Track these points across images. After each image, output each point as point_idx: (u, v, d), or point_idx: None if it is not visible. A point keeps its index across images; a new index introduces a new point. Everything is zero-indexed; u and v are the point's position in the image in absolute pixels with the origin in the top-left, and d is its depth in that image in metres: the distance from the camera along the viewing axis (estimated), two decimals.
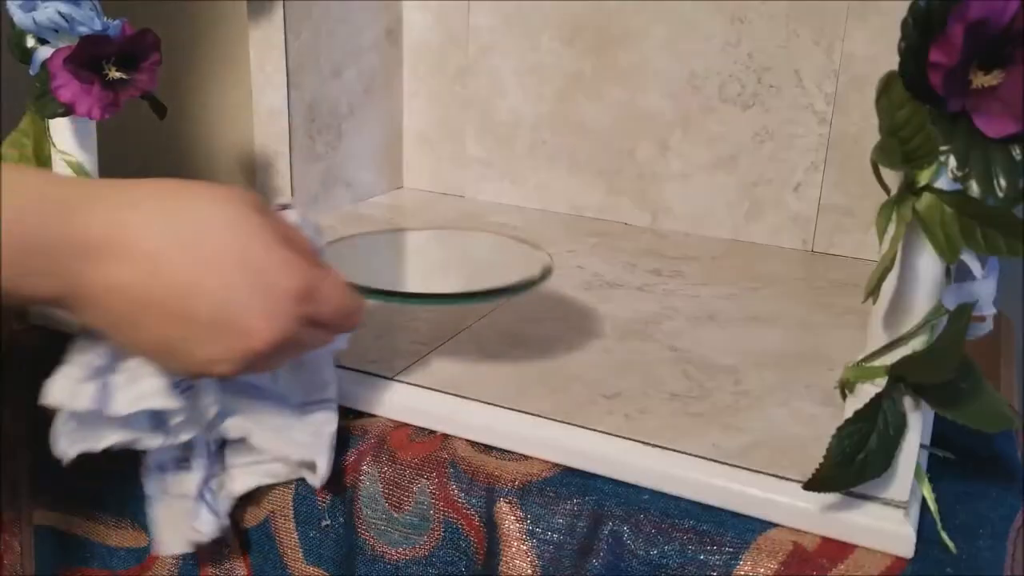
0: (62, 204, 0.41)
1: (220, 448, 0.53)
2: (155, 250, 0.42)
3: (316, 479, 0.52)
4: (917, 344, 0.43)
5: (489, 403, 0.53)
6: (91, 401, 0.47)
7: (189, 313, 0.42)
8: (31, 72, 0.60)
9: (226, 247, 0.43)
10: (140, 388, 0.47)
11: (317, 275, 0.45)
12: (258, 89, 0.80)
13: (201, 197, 0.44)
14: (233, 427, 0.51)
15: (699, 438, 0.50)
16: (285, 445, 0.51)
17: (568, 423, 0.51)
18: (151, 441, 0.50)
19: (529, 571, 0.48)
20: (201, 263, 0.42)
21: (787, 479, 0.46)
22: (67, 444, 0.48)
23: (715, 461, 0.48)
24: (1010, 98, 0.39)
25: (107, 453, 0.49)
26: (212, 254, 0.42)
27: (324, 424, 0.52)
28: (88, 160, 0.64)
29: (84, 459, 0.62)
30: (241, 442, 0.52)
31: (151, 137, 0.90)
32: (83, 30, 0.58)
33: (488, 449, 0.52)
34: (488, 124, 0.92)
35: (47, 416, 0.62)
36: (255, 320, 0.43)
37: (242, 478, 0.53)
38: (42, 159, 0.63)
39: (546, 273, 0.57)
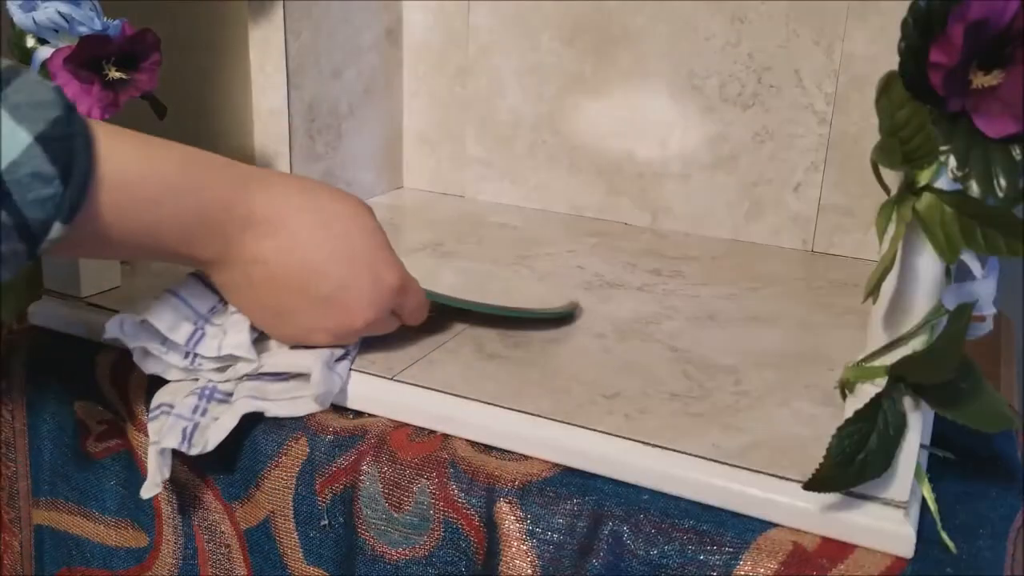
0: (241, 183, 0.50)
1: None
2: (296, 233, 0.51)
3: (311, 389, 0.53)
4: (917, 344, 0.43)
5: (489, 403, 0.53)
6: (185, 338, 0.54)
7: (310, 289, 0.52)
8: None
9: (350, 241, 0.53)
10: (227, 340, 0.54)
11: (408, 277, 0.56)
12: (258, 89, 0.80)
13: (335, 198, 0.54)
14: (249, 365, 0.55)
15: (699, 438, 0.50)
16: (285, 358, 0.54)
17: (568, 423, 0.51)
18: (177, 361, 0.55)
19: (529, 571, 0.48)
20: (328, 251, 0.52)
21: (787, 479, 0.46)
22: (111, 330, 0.54)
23: (715, 461, 0.48)
24: (1010, 98, 0.39)
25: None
26: (337, 245, 0.52)
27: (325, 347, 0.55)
28: None
29: (84, 459, 0.62)
30: (255, 378, 0.55)
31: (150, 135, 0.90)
32: (83, 30, 0.58)
33: (488, 449, 0.52)
34: (488, 124, 0.92)
35: (45, 416, 0.62)
36: (360, 304, 0.53)
37: (242, 402, 0.54)
38: None
39: (575, 308, 0.66)
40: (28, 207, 0.40)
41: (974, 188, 0.40)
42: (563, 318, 0.65)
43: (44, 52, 0.59)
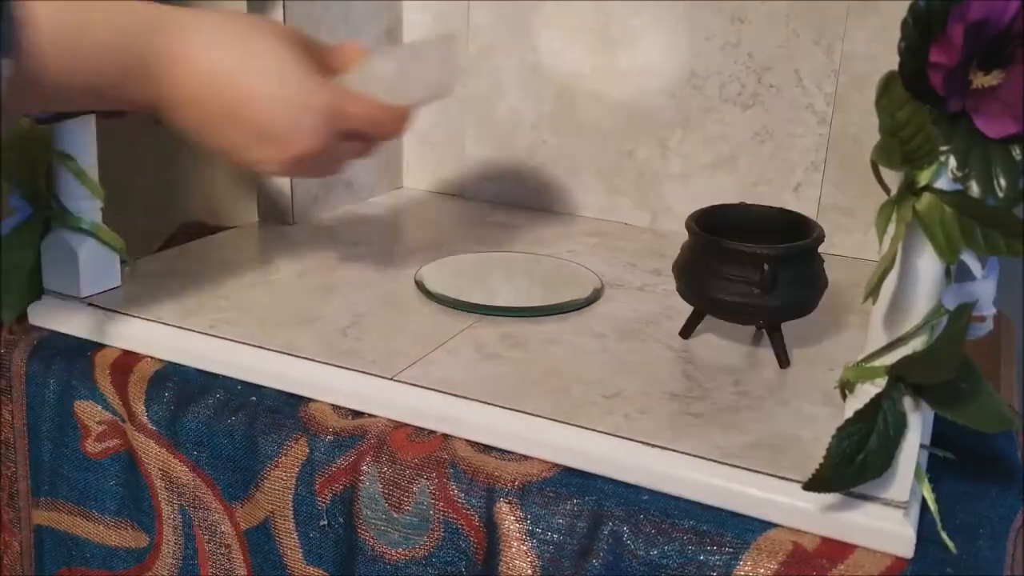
0: (153, 26, 0.50)
1: None
2: (212, 69, 0.51)
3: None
4: (917, 344, 0.43)
5: (489, 403, 0.53)
6: None
7: (241, 121, 0.52)
8: None
9: (268, 70, 0.52)
10: None
11: (343, 95, 0.55)
12: None
13: (251, 27, 0.53)
14: None
15: (699, 438, 0.50)
16: None
17: (568, 423, 0.51)
18: None
19: (529, 571, 0.48)
20: (248, 82, 0.52)
21: (787, 479, 0.46)
22: None
23: (715, 461, 0.48)
24: (1010, 98, 0.39)
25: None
26: (256, 76, 0.52)
27: None
28: (88, 160, 0.64)
29: (84, 459, 0.62)
30: None
31: (151, 137, 0.90)
32: None
33: (488, 449, 0.52)
34: (488, 124, 0.92)
35: (45, 416, 0.62)
36: (295, 132, 0.52)
37: None
38: (41, 159, 0.63)
39: (597, 294, 0.69)
40: None
41: (974, 188, 0.40)
42: (581, 307, 0.67)
43: None
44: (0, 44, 0.42)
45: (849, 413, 0.43)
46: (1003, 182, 0.40)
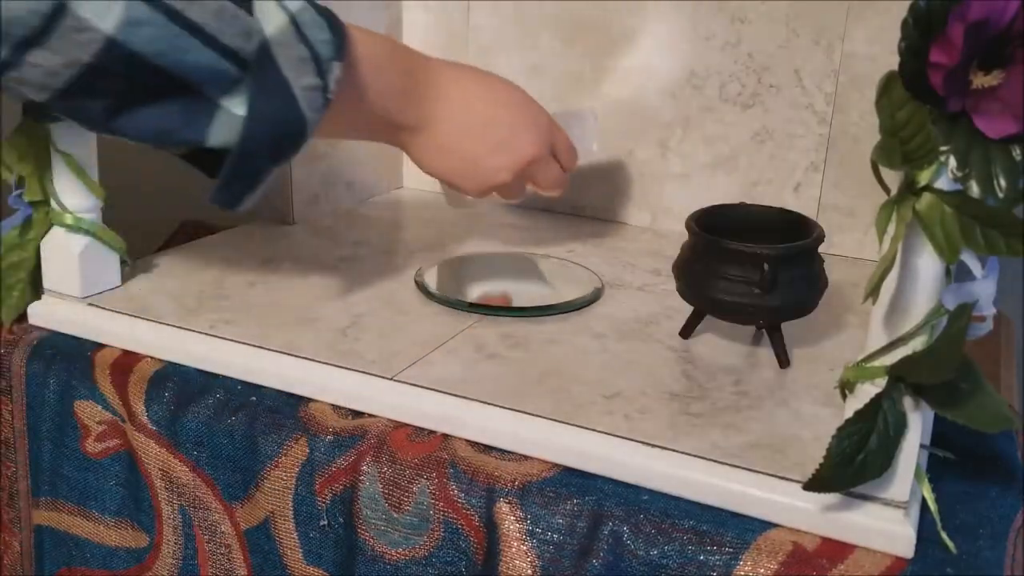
0: (421, 59, 0.63)
1: None
2: (465, 94, 0.65)
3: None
4: (917, 344, 0.43)
5: (489, 403, 0.53)
6: None
7: (488, 134, 0.65)
8: None
9: (508, 95, 0.67)
10: None
11: (552, 118, 0.70)
12: None
13: (482, 70, 0.68)
14: None
15: (699, 438, 0.50)
16: None
17: (568, 423, 0.51)
18: None
19: (529, 571, 0.48)
20: (495, 103, 0.66)
21: (787, 479, 0.46)
22: None
23: (715, 461, 0.48)
24: (1010, 98, 0.39)
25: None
26: (500, 98, 0.67)
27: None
28: (88, 159, 0.64)
29: (84, 459, 0.62)
30: None
31: None
32: None
33: (488, 449, 0.52)
34: None
35: (45, 416, 0.62)
36: (526, 141, 0.66)
37: None
38: (41, 159, 0.63)
39: (598, 293, 0.69)
40: (318, 45, 0.49)
41: (974, 188, 0.40)
42: (583, 306, 0.67)
43: None
44: (336, 52, 0.50)
45: (849, 413, 0.43)
46: (1003, 182, 0.40)
